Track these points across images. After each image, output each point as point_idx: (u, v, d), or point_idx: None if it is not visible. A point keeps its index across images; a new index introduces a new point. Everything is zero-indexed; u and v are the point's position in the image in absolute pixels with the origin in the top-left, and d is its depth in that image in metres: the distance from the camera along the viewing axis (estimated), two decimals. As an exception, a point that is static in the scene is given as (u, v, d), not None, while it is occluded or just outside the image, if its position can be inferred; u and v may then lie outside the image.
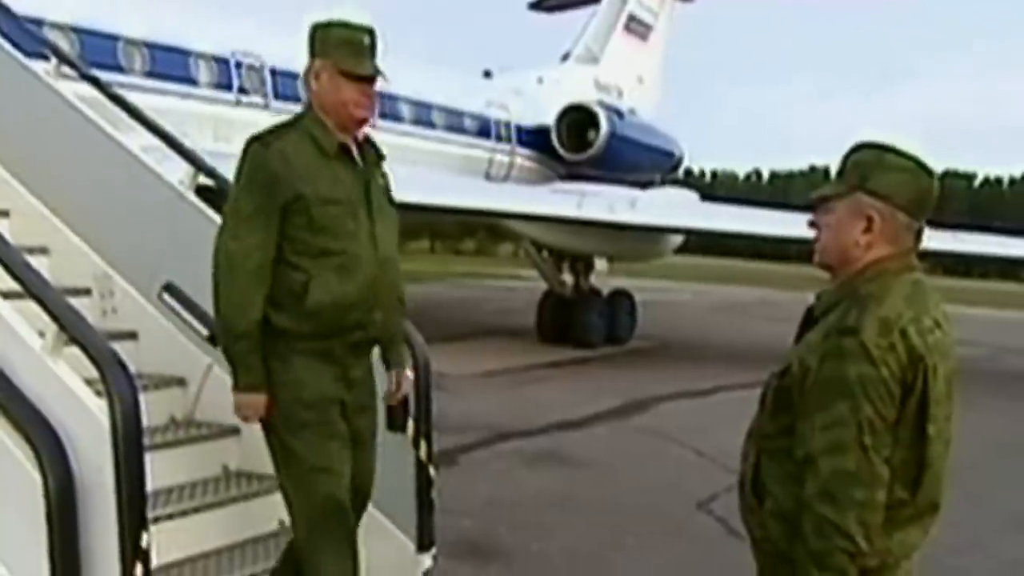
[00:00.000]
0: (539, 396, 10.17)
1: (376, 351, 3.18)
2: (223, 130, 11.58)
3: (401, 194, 3.22)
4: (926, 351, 2.01)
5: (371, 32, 3.03)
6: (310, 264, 2.88)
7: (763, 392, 2.21)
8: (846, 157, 2.16)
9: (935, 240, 4.63)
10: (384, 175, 3.15)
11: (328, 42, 2.96)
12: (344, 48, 2.95)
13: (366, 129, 3.12)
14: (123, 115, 4.70)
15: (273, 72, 12.49)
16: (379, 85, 3.06)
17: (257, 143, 2.94)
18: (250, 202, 2.89)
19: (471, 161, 15.87)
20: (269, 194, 2.87)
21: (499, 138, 16.73)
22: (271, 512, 3.80)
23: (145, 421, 3.91)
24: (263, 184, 2.89)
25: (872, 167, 2.09)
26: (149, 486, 3.62)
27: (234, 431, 3.98)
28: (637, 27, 21.74)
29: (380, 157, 3.14)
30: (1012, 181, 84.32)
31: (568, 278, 14.90)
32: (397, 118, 14.13)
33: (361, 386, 3.08)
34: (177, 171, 4.36)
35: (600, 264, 15.00)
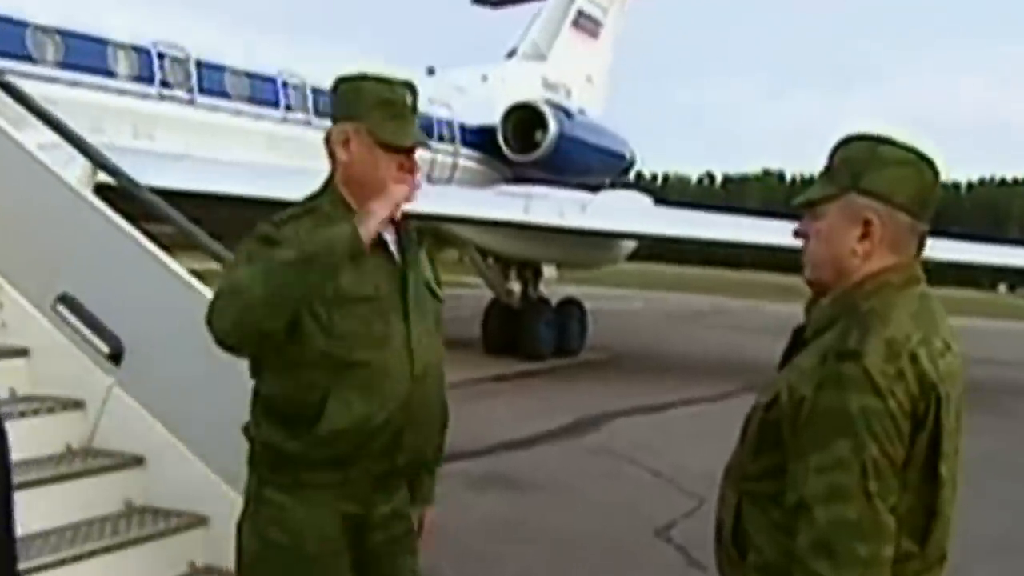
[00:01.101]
0: (485, 413, 9.96)
1: None
2: (144, 126, 11.21)
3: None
4: (938, 379, 1.82)
5: (412, 89, 2.54)
6: (327, 378, 2.39)
7: (744, 425, 2.00)
8: (833, 153, 1.97)
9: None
10: (426, 262, 2.65)
11: (361, 102, 2.48)
12: (381, 110, 2.47)
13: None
14: (21, 111, 4.39)
15: (199, 65, 12.14)
16: (316, 82, 2.64)
17: (264, 226, 2.45)
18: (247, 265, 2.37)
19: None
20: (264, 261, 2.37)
21: (441, 138, 16.52)
22: (181, 553, 3.55)
23: (37, 450, 3.64)
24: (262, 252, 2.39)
25: (866, 162, 1.91)
26: (40, 525, 3.34)
27: (138, 461, 3.70)
28: (586, 23, 21.68)
29: (421, 241, 2.65)
30: (970, 186, 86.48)
31: (515, 286, 14.78)
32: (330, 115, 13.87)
33: (387, 526, 2.55)
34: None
35: (549, 271, 14.89)
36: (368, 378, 2.41)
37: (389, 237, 2.55)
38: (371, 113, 2.46)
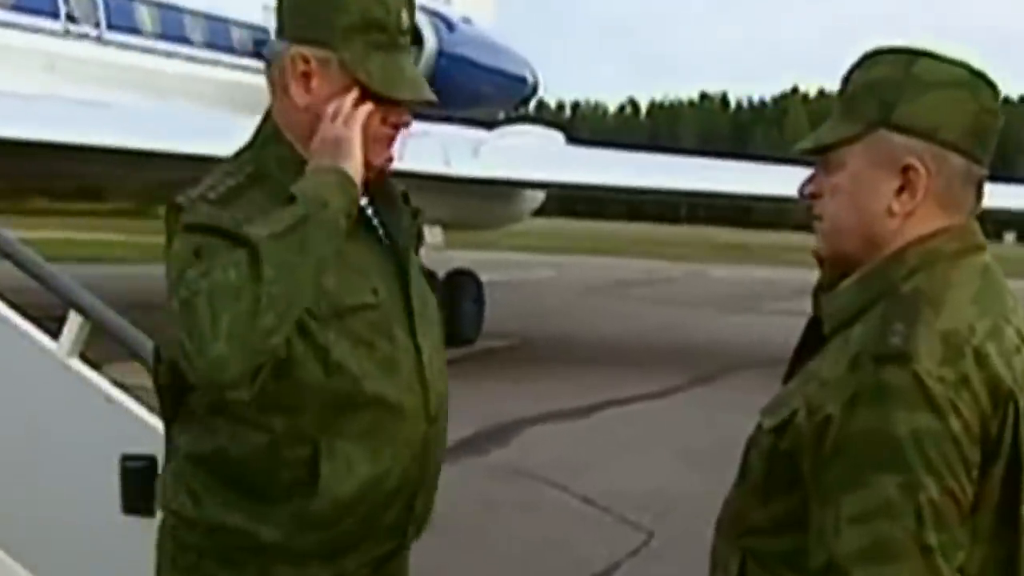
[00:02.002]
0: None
1: None
2: None
3: (140, 139, 2.63)
4: (1015, 385, 1.77)
5: (411, 3, 2.29)
6: (317, 427, 2.19)
7: (744, 458, 1.95)
8: (850, 76, 1.93)
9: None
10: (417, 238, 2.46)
11: (334, 20, 2.21)
12: (365, 36, 2.21)
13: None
14: None
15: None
16: None
17: (198, 209, 2.14)
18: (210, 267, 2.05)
19: (243, 90, 15.29)
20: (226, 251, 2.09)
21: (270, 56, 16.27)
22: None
23: None
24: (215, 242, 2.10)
25: (899, 86, 1.86)
26: None
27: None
28: (472, -98, 21.53)
29: (416, 213, 2.45)
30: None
31: (388, 255, 14.66)
32: (134, 29, 13.51)
33: None
34: None
35: (432, 235, 14.81)
36: (375, 423, 2.21)
37: (368, 204, 2.32)
38: (350, 39, 2.20)
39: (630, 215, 57.38)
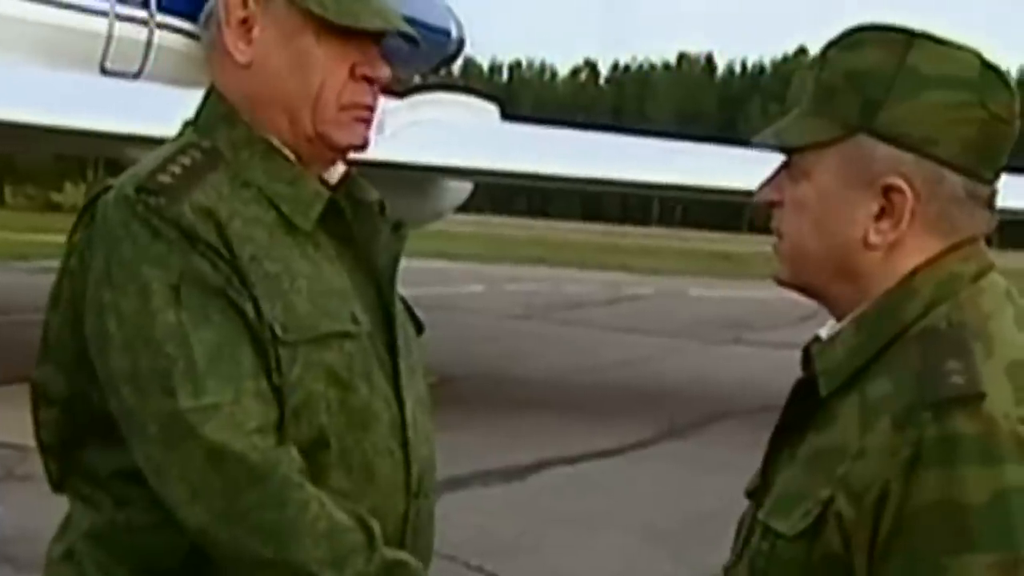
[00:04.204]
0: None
1: None
2: None
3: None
4: None
5: None
6: None
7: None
8: (827, 54, 1.97)
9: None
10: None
11: None
12: None
13: None
14: None
15: None
16: None
17: (147, 193, 2.17)
18: (195, 318, 2.13)
19: (73, 39, 15.24)
20: (214, 295, 2.16)
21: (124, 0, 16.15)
22: None
23: None
24: (198, 274, 2.15)
25: (888, 80, 1.90)
26: None
27: None
28: None
29: (385, 216, 2.47)
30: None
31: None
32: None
33: None
34: None
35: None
36: (339, 495, 2.20)
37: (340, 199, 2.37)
38: None
39: (585, 214, 57.61)
